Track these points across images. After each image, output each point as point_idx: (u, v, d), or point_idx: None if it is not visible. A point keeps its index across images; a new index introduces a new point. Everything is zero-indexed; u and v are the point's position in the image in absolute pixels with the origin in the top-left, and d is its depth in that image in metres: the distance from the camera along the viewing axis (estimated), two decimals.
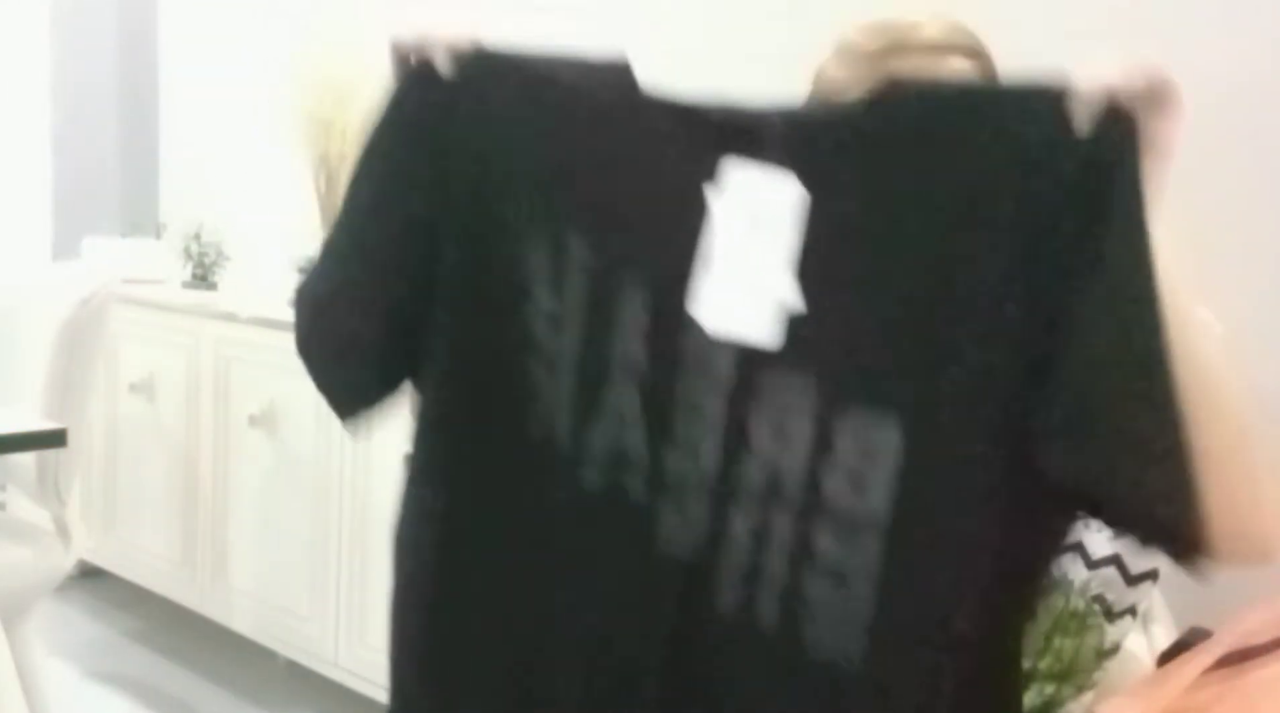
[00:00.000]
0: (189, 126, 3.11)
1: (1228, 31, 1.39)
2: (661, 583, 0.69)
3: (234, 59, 2.91)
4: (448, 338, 0.75)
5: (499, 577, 0.74)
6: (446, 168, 0.75)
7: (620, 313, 0.70)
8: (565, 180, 0.73)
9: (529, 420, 0.72)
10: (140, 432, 2.45)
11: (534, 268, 0.72)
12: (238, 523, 2.24)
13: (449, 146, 0.75)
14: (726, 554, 0.67)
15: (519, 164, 0.74)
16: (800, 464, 0.66)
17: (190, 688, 2.22)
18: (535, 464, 0.72)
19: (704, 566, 0.67)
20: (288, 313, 2.32)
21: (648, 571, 0.69)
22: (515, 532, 0.74)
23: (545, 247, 0.72)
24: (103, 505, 2.55)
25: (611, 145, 0.73)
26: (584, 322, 0.71)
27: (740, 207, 0.69)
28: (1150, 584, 1.09)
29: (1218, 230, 1.41)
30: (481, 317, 0.74)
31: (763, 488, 0.66)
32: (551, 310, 0.72)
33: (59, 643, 2.36)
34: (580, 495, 0.71)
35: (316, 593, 2.06)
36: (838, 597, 0.65)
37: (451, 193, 0.75)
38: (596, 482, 0.70)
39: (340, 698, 2.10)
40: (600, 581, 0.71)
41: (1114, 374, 0.61)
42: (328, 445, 2.02)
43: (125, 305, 2.39)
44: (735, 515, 0.67)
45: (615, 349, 0.70)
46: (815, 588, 0.65)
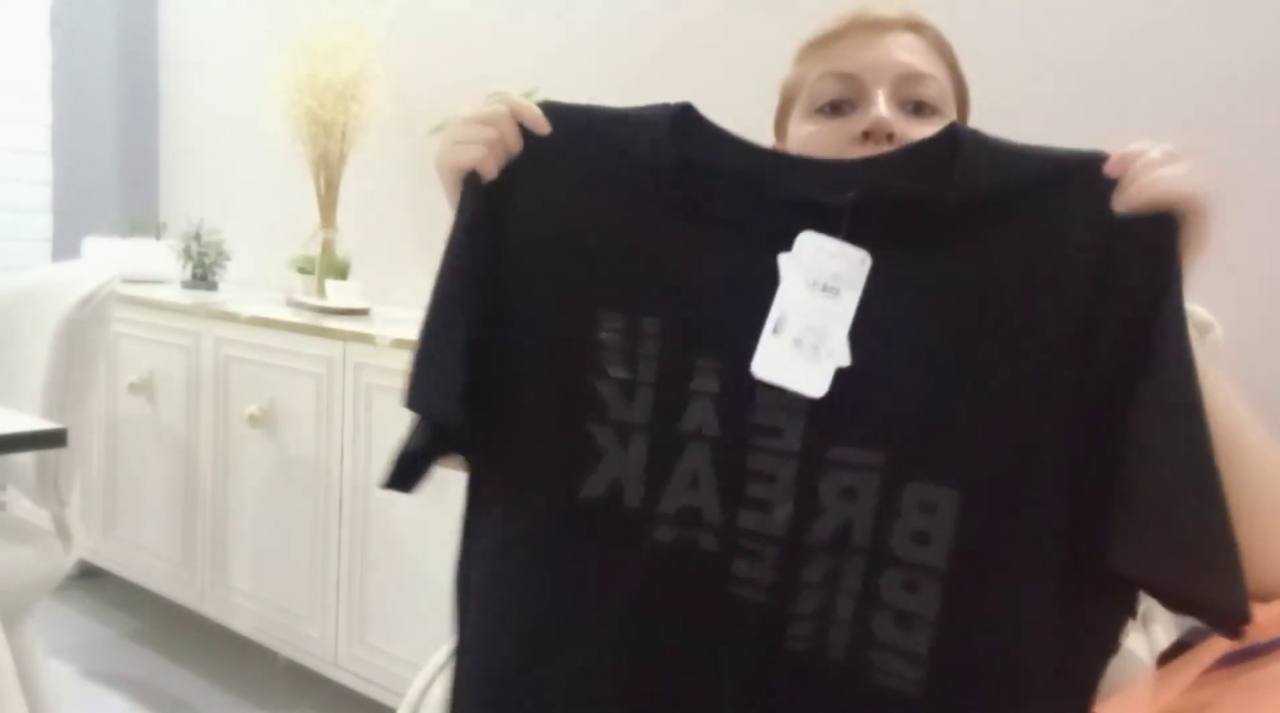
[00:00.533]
0: (189, 126, 3.11)
1: (1226, 29, 1.39)
2: (735, 624, 0.70)
3: (234, 59, 2.91)
4: (512, 408, 0.76)
5: (566, 625, 0.75)
6: (512, 247, 0.76)
7: (692, 382, 0.72)
8: (636, 255, 0.74)
9: (591, 481, 0.74)
10: (140, 432, 2.45)
11: (606, 341, 0.74)
12: (238, 523, 2.24)
13: (512, 228, 0.76)
14: (797, 598, 0.69)
15: (588, 240, 0.75)
16: (867, 521, 0.68)
17: (190, 688, 2.22)
18: (598, 521, 0.74)
19: (776, 607, 0.70)
20: (287, 313, 2.32)
21: (721, 612, 0.71)
22: (576, 584, 0.74)
23: (619, 321, 0.74)
24: (103, 505, 2.55)
25: (680, 220, 0.74)
26: (656, 391, 0.73)
27: (810, 274, 0.71)
28: None
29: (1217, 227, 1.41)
30: (548, 389, 0.75)
31: (832, 541, 0.69)
32: (624, 379, 0.73)
33: (59, 643, 2.36)
34: (650, 548, 0.72)
35: (316, 593, 2.06)
36: (900, 634, 0.68)
37: (519, 271, 0.76)
38: (667, 535, 0.72)
39: (340, 698, 2.10)
40: (673, 623, 0.72)
41: (1168, 483, 0.64)
42: (328, 445, 2.02)
43: (125, 305, 2.40)
44: (806, 564, 0.70)
45: (687, 416, 0.72)
46: (880, 627, 0.68)
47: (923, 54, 0.84)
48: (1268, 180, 1.36)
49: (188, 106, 3.12)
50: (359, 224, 2.53)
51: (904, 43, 0.84)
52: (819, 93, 0.85)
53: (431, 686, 1.11)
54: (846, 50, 0.84)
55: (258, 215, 2.87)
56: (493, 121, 0.77)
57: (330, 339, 2.00)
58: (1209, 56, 1.40)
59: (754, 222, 0.73)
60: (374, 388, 1.92)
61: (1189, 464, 0.64)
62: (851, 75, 0.83)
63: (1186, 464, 0.64)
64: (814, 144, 0.85)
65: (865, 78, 0.82)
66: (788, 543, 0.69)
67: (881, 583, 0.68)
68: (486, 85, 1.98)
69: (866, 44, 0.84)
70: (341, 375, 1.98)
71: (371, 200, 2.54)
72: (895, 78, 0.82)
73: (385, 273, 2.50)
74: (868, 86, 0.82)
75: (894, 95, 0.82)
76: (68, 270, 1.90)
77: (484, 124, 0.77)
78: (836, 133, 0.82)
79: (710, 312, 0.73)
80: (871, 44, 0.83)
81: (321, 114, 2.34)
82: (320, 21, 2.36)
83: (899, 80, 0.82)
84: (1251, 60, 1.37)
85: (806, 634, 0.69)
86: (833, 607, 0.69)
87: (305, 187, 2.46)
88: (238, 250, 2.72)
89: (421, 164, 2.69)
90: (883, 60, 0.83)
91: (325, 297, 2.31)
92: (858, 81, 0.83)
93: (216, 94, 3.00)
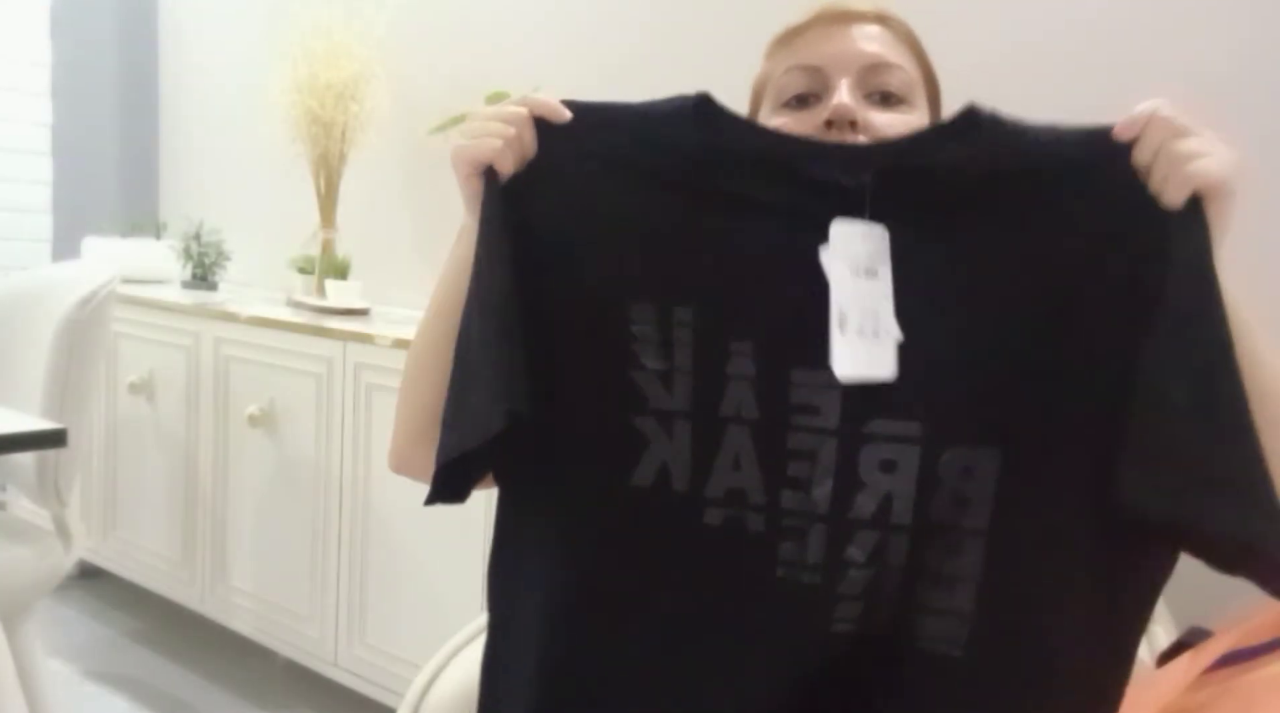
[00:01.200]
0: (189, 127, 3.11)
1: (1225, 26, 1.39)
2: (785, 605, 0.72)
3: (234, 59, 2.91)
4: (553, 404, 0.76)
5: (622, 609, 0.76)
6: (536, 245, 0.76)
7: (728, 366, 0.73)
8: (664, 245, 0.75)
9: (639, 470, 0.75)
10: (140, 432, 2.45)
11: (638, 334, 0.74)
12: (238, 523, 2.24)
13: (535, 225, 0.76)
14: (844, 578, 0.71)
15: (614, 232, 0.76)
16: (908, 491, 0.70)
17: (190, 688, 2.22)
18: (650, 507, 0.75)
19: (823, 587, 0.71)
20: (287, 313, 2.32)
21: (771, 594, 0.72)
22: (634, 569, 0.75)
23: (651, 313, 0.74)
24: (103, 505, 2.55)
25: (705, 206, 0.75)
26: (694, 378, 0.73)
27: (851, 262, 0.72)
28: None
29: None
30: (587, 385, 0.76)
31: (875, 514, 0.70)
32: (662, 370, 0.74)
33: (59, 643, 2.36)
34: (699, 530, 0.73)
35: (316, 593, 2.06)
36: (945, 598, 0.70)
37: (545, 268, 0.76)
38: (716, 518, 0.73)
39: (340, 698, 2.11)
40: (724, 605, 0.73)
41: (1180, 415, 0.65)
42: (328, 445, 2.02)
43: (125, 305, 2.40)
44: (850, 542, 0.71)
45: (726, 401, 0.73)
46: (925, 593, 0.70)
47: (889, 44, 0.84)
48: (1267, 180, 1.36)
49: (188, 107, 3.12)
50: (359, 224, 2.53)
51: (869, 33, 0.84)
52: (785, 86, 0.85)
53: (432, 686, 1.11)
54: (811, 43, 0.84)
55: (258, 215, 2.87)
56: (511, 120, 0.77)
57: (330, 339, 2.00)
58: (1208, 54, 1.40)
59: (778, 204, 0.73)
60: (374, 388, 1.92)
61: (1195, 386, 0.65)
62: (816, 68, 0.83)
63: (1199, 395, 0.65)
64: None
65: (829, 69, 0.83)
66: (830, 520, 0.70)
67: (927, 555, 0.70)
68: (486, 85, 1.98)
69: (831, 36, 0.84)
70: (341, 375, 1.98)
71: (371, 200, 2.54)
72: (860, 68, 0.82)
73: (385, 273, 2.50)
74: (831, 77, 0.82)
75: (859, 85, 0.82)
76: (68, 270, 1.90)
77: (502, 122, 0.77)
78: (802, 124, 0.82)
79: (741, 295, 0.73)
80: (836, 36, 0.84)
81: (321, 114, 2.34)
82: (320, 22, 2.36)
83: (864, 70, 0.82)
84: (1252, 59, 1.37)
85: (854, 615, 0.71)
86: (879, 586, 0.70)
87: (305, 187, 2.46)
88: (238, 250, 2.72)
89: (421, 164, 2.71)
90: (847, 51, 0.83)
91: (325, 297, 2.31)
92: (822, 74, 0.83)
93: (217, 94, 3.00)
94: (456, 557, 1.78)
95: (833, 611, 0.71)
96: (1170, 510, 0.66)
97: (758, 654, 0.72)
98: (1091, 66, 1.50)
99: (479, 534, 1.73)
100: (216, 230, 2.67)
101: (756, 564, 0.72)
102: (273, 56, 2.40)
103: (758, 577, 0.72)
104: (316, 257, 2.41)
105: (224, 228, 2.70)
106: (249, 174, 2.91)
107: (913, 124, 0.83)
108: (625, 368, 0.74)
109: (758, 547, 0.72)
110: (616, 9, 2.08)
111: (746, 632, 0.73)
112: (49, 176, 3.00)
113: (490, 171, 0.76)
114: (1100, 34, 1.50)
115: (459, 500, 0.80)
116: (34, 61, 2.96)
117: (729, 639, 0.73)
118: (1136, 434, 0.66)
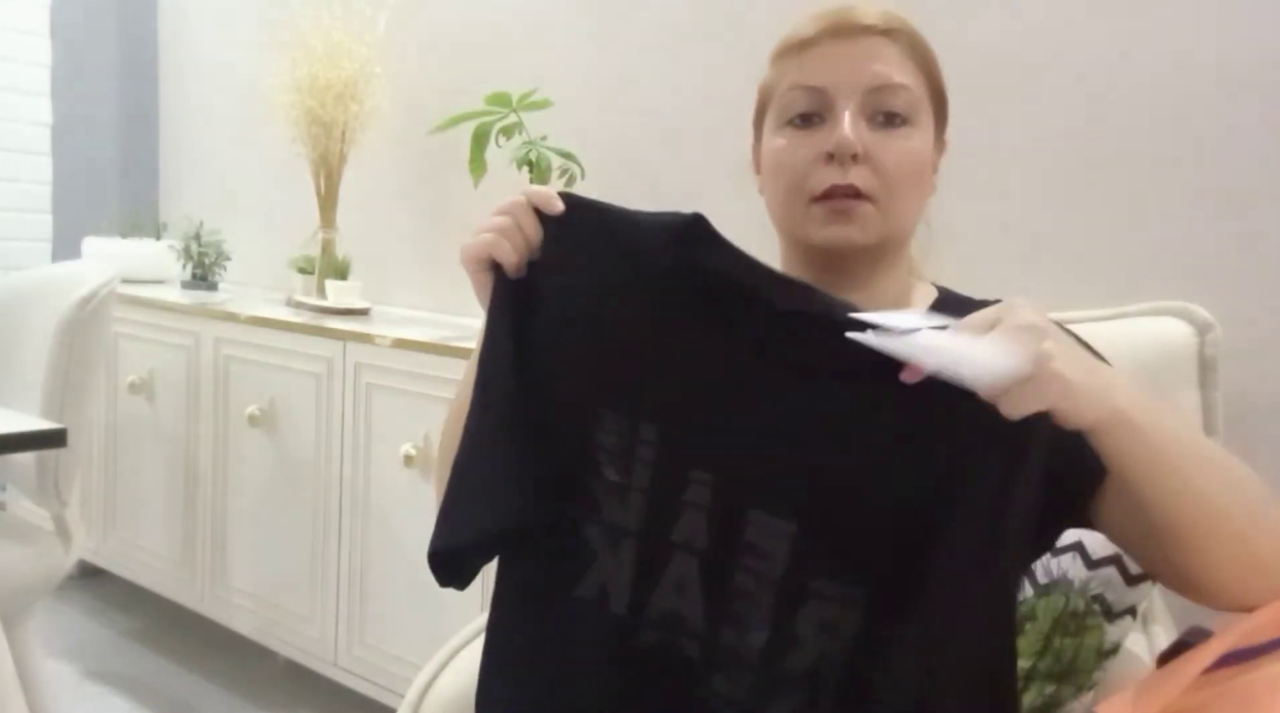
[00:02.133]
0: (189, 126, 3.11)
1: (1224, 24, 1.39)
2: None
3: (234, 59, 2.91)
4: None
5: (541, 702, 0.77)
6: (529, 339, 0.77)
7: (685, 494, 0.72)
8: (637, 357, 0.75)
9: (583, 583, 0.75)
10: (140, 432, 2.45)
11: (603, 443, 0.74)
12: (238, 523, 2.24)
13: (532, 320, 0.77)
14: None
15: (596, 338, 0.76)
16: (843, 657, 0.69)
17: (190, 688, 2.22)
18: (589, 621, 0.75)
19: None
20: (287, 313, 2.32)
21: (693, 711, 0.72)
22: (572, 679, 0.76)
23: (615, 425, 0.74)
24: (103, 505, 2.55)
25: (681, 327, 0.74)
26: (649, 498, 0.73)
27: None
28: (1150, 584, 1.09)
29: (1216, 227, 1.41)
30: (552, 483, 0.76)
31: (805, 677, 0.70)
32: (618, 484, 0.74)
33: (59, 643, 2.36)
34: (635, 650, 0.74)
35: (316, 593, 2.06)
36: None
37: (532, 364, 0.77)
38: (651, 638, 0.74)
39: (340, 698, 2.11)
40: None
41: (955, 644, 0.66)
42: (328, 445, 2.02)
43: (125, 305, 2.40)
44: (777, 696, 0.70)
45: (678, 527, 0.73)
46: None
47: (895, 61, 0.84)
48: (1266, 179, 1.36)
49: (188, 106, 3.12)
50: (359, 224, 2.53)
51: (875, 50, 0.83)
52: (788, 104, 0.85)
53: (432, 686, 1.11)
54: (816, 60, 0.84)
55: (258, 215, 2.87)
56: (509, 211, 0.77)
57: (330, 339, 2.00)
58: (1210, 55, 1.40)
59: (749, 334, 0.72)
60: (374, 388, 1.92)
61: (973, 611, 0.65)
62: (819, 89, 0.83)
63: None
64: (784, 159, 0.86)
65: (833, 91, 0.83)
66: (760, 671, 0.70)
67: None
68: (486, 85, 1.98)
69: (836, 53, 0.83)
70: (341, 375, 1.98)
71: (371, 200, 2.54)
72: (864, 90, 0.82)
73: (385, 273, 2.50)
74: (835, 100, 0.83)
75: (862, 108, 0.83)
76: (68, 270, 1.90)
77: (501, 213, 0.78)
78: (805, 147, 0.83)
79: (706, 421, 0.73)
80: (841, 53, 0.83)
81: (321, 114, 2.34)
82: (320, 22, 2.36)
83: (868, 93, 0.82)
84: (1251, 58, 1.37)
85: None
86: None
87: (305, 187, 2.46)
88: (238, 250, 2.72)
89: (422, 164, 2.71)
90: (851, 72, 0.82)
91: (325, 297, 2.31)
92: (825, 95, 0.83)
93: (217, 94, 3.00)
94: None
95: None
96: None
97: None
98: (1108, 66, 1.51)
99: None
100: (216, 230, 2.68)
101: (688, 688, 0.72)
102: (273, 57, 2.40)
103: (688, 699, 0.72)
104: (316, 257, 2.41)
105: (224, 228, 2.71)
106: (249, 174, 2.91)
107: (914, 147, 0.84)
108: (586, 474, 0.75)
109: (691, 672, 0.72)
110: (616, 9, 2.08)
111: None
112: (49, 177, 3.00)
113: (498, 268, 0.77)
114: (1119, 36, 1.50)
115: (459, 586, 0.79)
116: (34, 61, 2.96)
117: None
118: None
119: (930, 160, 0.88)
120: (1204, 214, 1.42)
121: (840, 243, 0.85)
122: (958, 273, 0.99)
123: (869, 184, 0.83)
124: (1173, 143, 1.44)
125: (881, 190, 0.83)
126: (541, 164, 1.89)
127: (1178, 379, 1.24)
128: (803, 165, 0.84)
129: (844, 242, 0.84)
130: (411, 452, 1.82)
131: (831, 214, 0.83)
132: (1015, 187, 1.58)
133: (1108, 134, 1.49)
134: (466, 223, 0.80)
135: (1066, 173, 1.53)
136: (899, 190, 0.84)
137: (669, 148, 1.98)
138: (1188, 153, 1.43)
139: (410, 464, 1.83)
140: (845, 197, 0.83)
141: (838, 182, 0.82)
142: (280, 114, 2.38)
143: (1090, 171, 1.51)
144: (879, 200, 0.83)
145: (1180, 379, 1.24)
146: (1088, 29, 1.50)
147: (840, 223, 0.84)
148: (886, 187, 0.83)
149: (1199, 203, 1.42)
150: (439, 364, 1.79)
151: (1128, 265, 1.48)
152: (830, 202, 0.83)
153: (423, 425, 1.83)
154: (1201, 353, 1.24)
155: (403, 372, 1.86)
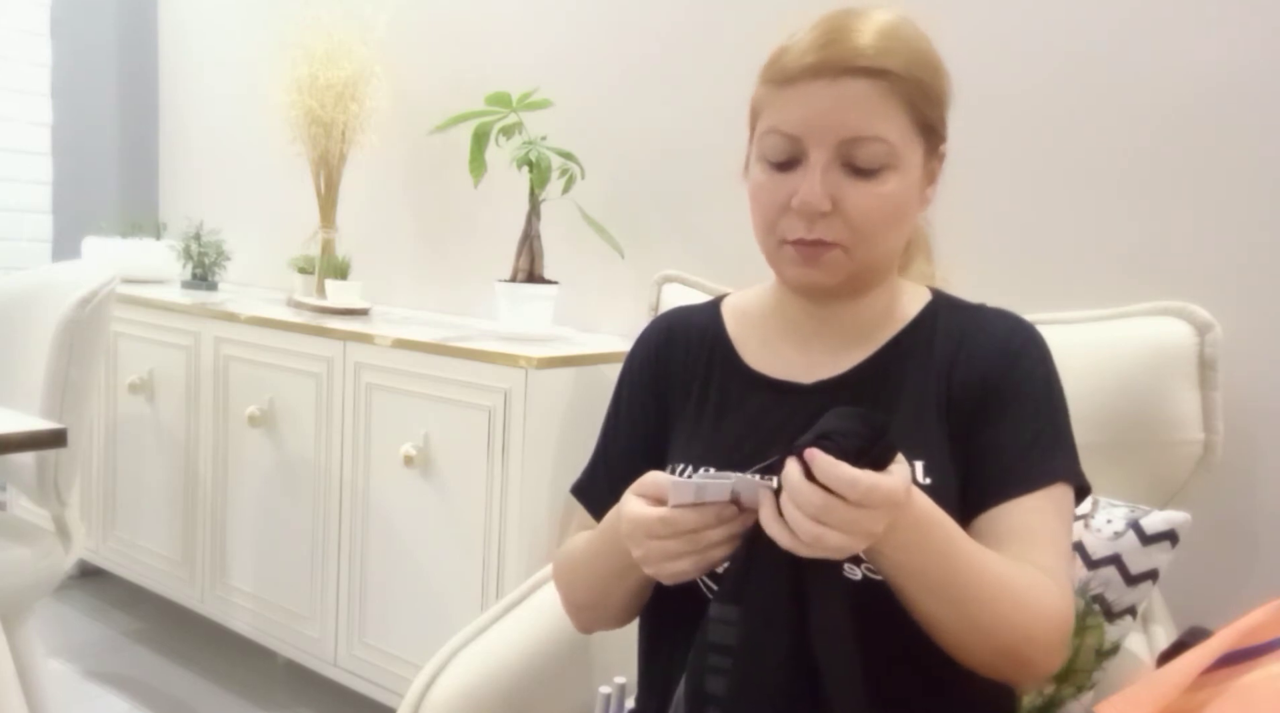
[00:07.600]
0: (189, 126, 3.12)
1: (1224, 23, 1.39)
2: None
3: (234, 59, 2.91)
4: None
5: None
6: None
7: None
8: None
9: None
10: (140, 432, 2.45)
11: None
12: (238, 523, 2.24)
13: None
14: None
15: None
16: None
17: (190, 688, 2.22)
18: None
19: None
20: (287, 313, 2.31)
21: None
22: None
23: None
24: (103, 505, 2.55)
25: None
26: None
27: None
28: (1150, 584, 1.09)
29: (1216, 227, 1.41)
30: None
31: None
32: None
33: (59, 643, 2.36)
34: None
35: (316, 593, 2.06)
36: None
37: None
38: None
39: (340, 698, 2.11)
40: None
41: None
42: (327, 445, 2.02)
43: (125, 305, 2.40)
44: None
45: None
46: None
47: (875, 106, 0.82)
48: (1266, 179, 1.36)
49: (188, 106, 3.12)
50: (359, 224, 2.53)
51: (854, 97, 0.82)
52: (765, 147, 0.86)
53: (432, 686, 1.11)
54: (794, 104, 0.83)
55: (258, 215, 2.87)
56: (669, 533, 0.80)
57: (330, 339, 2.00)
58: (1206, 53, 1.40)
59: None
60: (374, 388, 1.92)
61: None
62: (794, 137, 0.84)
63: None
64: (761, 198, 0.88)
65: (806, 141, 0.83)
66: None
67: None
68: (486, 85, 1.98)
69: (814, 97, 0.82)
70: (341, 375, 1.98)
71: (371, 200, 2.54)
72: (837, 142, 0.82)
73: (385, 273, 2.50)
74: (809, 151, 0.83)
75: (836, 157, 0.83)
76: (68, 270, 1.90)
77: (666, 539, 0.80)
78: (780, 191, 0.85)
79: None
80: (819, 97, 0.82)
81: (321, 114, 2.34)
82: (320, 22, 2.36)
83: (841, 144, 0.82)
84: (1250, 58, 1.37)
85: None
86: None
87: (305, 187, 2.46)
88: (238, 250, 2.72)
89: (422, 164, 2.70)
90: (825, 123, 0.82)
91: (325, 297, 2.31)
92: (800, 143, 0.84)
93: (217, 94, 3.01)
94: (456, 557, 1.78)
95: None
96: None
97: None
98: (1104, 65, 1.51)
99: (479, 535, 1.73)
100: (216, 230, 2.68)
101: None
102: (273, 56, 2.40)
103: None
104: (316, 257, 2.41)
105: (224, 228, 2.71)
106: (249, 174, 2.91)
107: (888, 192, 0.83)
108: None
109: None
110: (617, 9, 2.08)
111: None
112: (49, 177, 3.01)
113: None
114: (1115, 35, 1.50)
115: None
116: (34, 61, 2.96)
117: None
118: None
119: (913, 194, 0.87)
120: (1204, 214, 1.42)
121: (808, 285, 0.89)
122: (958, 272, 1.00)
123: (838, 235, 0.84)
124: (1173, 143, 1.44)
125: (851, 238, 0.84)
126: (541, 164, 1.89)
127: (1178, 379, 1.24)
128: (775, 208, 0.86)
129: (812, 284, 0.88)
130: (411, 452, 1.82)
131: (800, 257, 0.86)
132: (1015, 186, 1.58)
133: (1108, 134, 1.49)
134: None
135: (1066, 173, 1.53)
136: (870, 237, 0.85)
137: (669, 148, 1.99)
138: (1188, 153, 1.42)
139: (410, 464, 1.83)
140: (813, 245, 0.85)
141: (803, 236, 0.85)
142: (280, 114, 2.39)
143: (1090, 171, 1.51)
144: (849, 248, 0.85)
145: (1180, 379, 1.24)
146: (1088, 28, 1.50)
147: (809, 266, 0.86)
148: (855, 234, 0.84)
149: (1199, 203, 1.42)
150: (439, 364, 1.79)
151: (1128, 265, 1.47)
152: (799, 247, 0.86)
153: (423, 426, 1.83)
154: (1201, 353, 1.24)
155: (403, 372, 1.86)
